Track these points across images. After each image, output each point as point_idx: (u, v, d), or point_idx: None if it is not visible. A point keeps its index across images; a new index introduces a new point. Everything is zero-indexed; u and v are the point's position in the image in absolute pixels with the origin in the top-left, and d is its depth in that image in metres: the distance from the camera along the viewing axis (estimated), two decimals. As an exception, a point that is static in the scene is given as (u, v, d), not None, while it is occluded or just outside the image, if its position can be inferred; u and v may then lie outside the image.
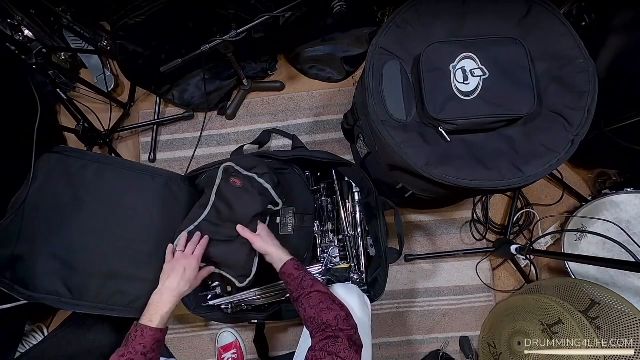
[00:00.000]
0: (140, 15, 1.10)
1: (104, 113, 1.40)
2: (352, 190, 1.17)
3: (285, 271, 0.86)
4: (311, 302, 0.76)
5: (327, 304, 0.75)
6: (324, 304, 0.75)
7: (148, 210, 1.03)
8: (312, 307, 0.75)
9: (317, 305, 0.75)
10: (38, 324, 1.30)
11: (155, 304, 0.78)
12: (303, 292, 0.79)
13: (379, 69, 0.88)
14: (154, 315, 0.76)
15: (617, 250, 0.99)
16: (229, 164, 1.02)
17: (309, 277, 0.83)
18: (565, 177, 1.33)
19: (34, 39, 1.28)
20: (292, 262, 0.87)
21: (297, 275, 0.84)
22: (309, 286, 0.80)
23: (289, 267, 0.86)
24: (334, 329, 0.69)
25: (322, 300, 0.76)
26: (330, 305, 0.75)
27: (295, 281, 0.83)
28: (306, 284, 0.81)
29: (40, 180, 0.97)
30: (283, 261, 0.87)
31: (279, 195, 1.02)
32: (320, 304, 0.75)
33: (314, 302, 0.76)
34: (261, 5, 1.15)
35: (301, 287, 0.81)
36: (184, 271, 0.84)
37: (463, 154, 0.85)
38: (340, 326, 0.70)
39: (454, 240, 1.34)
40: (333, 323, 0.70)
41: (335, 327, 0.70)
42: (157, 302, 0.78)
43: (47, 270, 0.92)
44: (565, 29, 0.86)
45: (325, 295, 0.78)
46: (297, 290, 0.81)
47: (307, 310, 0.76)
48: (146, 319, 0.75)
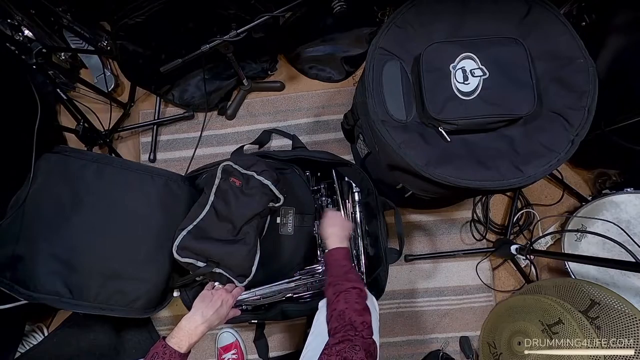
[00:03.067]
0: (140, 15, 1.10)
1: (104, 113, 1.40)
2: (352, 190, 1.17)
3: (334, 254, 0.88)
4: (348, 297, 0.75)
5: (361, 305, 0.74)
6: (358, 305, 0.74)
7: (148, 210, 1.03)
8: (346, 301, 0.75)
9: (352, 304, 0.74)
10: (38, 324, 1.30)
11: (186, 330, 0.75)
12: (344, 284, 0.78)
13: (379, 69, 0.88)
14: (183, 342, 0.73)
15: (617, 250, 0.99)
16: (227, 163, 1.02)
17: (355, 273, 0.83)
18: (565, 177, 1.33)
19: (34, 39, 1.28)
20: (345, 250, 0.88)
21: (344, 264, 0.85)
22: (353, 280, 0.79)
23: (341, 252, 0.88)
24: (356, 333, 0.68)
25: (359, 301, 0.75)
26: (363, 308, 0.74)
27: (340, 269, 0.83)
28: (351, 277, 0.80)
29: (40, 180, 0.97)
30: (337, 245, 0.89)
31: (280, 190, 1.02)
32: (356, 304, 0.74)
33: (351, 299, 0.75)
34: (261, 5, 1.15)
35: (345, 278, 0.80)
36: (221, 305, 0.83)
37: (463, 154, 0.85)
38: (364, 333, 0.69)
39: (454, 240, 1.34)
40: (359, 327, 0.70)
41: (360, 332, 0.69)
42: (189, 329, 0.75)
43: (47, 270, 0.92)
44: (565, 29, 0.86)
45: (363, 297, 0.77)
46: (338, 278, 0.80)
47: (341, 302, 0.75)
48: (175, 342, 0.72)
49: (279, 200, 1.02)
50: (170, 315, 1.33)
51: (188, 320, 0.77)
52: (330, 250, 0.90)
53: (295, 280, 1.09)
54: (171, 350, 0.71)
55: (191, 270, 0.98)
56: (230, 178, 1.01)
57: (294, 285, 1.09)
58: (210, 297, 0.83)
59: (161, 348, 0.71)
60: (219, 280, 0.99)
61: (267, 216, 1.07)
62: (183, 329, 0.75)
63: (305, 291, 1.11)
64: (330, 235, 0.93)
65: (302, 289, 1.11)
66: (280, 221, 1.11)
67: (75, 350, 1.26)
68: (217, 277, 0.98)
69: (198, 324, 0.76)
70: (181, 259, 0.96)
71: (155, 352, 0.71)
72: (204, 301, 0.82)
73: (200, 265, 0.96)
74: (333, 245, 0.91)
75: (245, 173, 1.01)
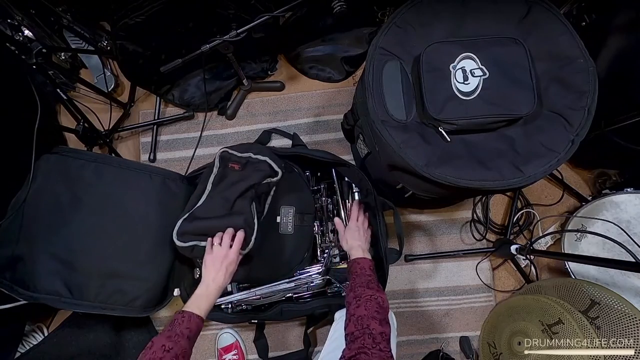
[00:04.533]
0: (140, 15, 1.10)
1: (104, 113, 1.40)
2: (352, 191, 1.17)
3: (360, 263, 0.89)
4: (369, 305, 0.75)
5: (381, 316, 0.74)
6: (379, 315, 0.74)
7: (146, 208, 1.04)
8: (367, 309, 0.74)
9: (373, 313, 0.74)
10: (38, 324, 1.30)
11: (201, 295, 0.81)
12: (367, 292, 0.79)
13: (379, 69, 0.88)
14: (202, 305, 0.79)
15: (617, 250, 0.99)
16: (224, 149, 1.03)
17: (378, 285, 0.84)
18: (565, 177, 1.33)
19: (34, 39, 1.28)
20: (370, 262, 0.90)
21: (369, 274, 0.86)
22: (376, 290, 0.80)
23: (366, 263, 0.89)
24: (374, 345, 0.67)
25: (379, 311, 0.75)
26: (383, 319, 0.74)
27: (365, 278, 0.84)
28: (373, 286, 0.81)
29: (39, 181, 0.97)
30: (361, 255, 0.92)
31: (278, 165, 1.02)
32: (377, 313, 0.74)
33: (372, 307, 0.75)
34: (261, 5, 1.15)
35: (368, 286, 0.81)
36: (228, 265, 0.87)
37: (463, 154, 0.84)
38: (381, 345, 0.68)
39: (454, 240, 1.34)
40: (378, 337, 0.68)
41: (377, 343, 0.68)
42: (204, 294, 0.82)
43: (47, 270, 0.93)
44: (565, 29, 0.86)
45: (385, 309, 0.77)
46: (361, 287, 0.81)
47: (361, 309, 0.75)
48: (194, 306, 0.78)
49: (277, 174, 1.02)
50: (170, 315, 1.33)
51: (202, 290, 0.83)
52: (356, 259, 0.91)
53: (295, 280, 1.09)
54: (189, 313, 0.76)
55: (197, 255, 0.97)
56: (229, 164, 1.02)
57: (294, 285, 1.09)
58: (213, 260, 0.87)
59: (178, 315, 0.76)
60: None
61: (267, 193, 1.07)
62: (198, 295, 0.81)
63: (305, 291, 1.11)
64: (353, 247, 0.96)
65: (302, 289, 1.11)
66: (280, 221, 1.11)
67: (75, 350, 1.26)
68: None
69: (210, 288, 0.83)
70: (183, 244, 0.95)
71: (173, 320, 0.75)
72: (210, 265, 0.86)
73: (204, 245, 0.95)
74: (358, 255, 0.93)
75: (243, 156, 1.02)
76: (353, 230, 1.01)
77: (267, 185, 1.04)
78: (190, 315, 0.75)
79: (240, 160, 1.02)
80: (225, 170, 1.02)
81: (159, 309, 1.07)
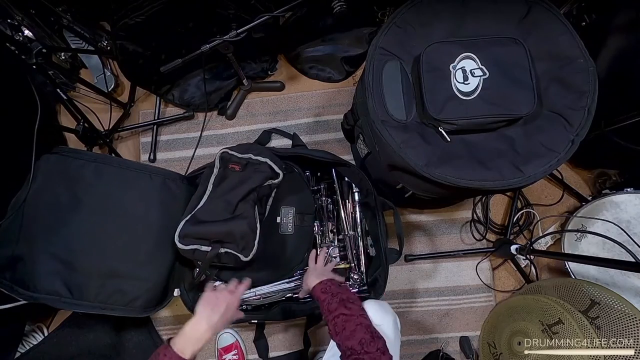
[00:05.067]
0: (140, 15, 1.10)
1: (104, 113, 1.40)
2: (352, 190, 1.17)
3: (314, 294, 0.87)
4: (337, 327, 0.75)
5: (350, 328, 0.72)
6: (347, 330, 0.73)
7: (146, 209, 1.03)
8: (337, 333, 0.74)
9: (341, 332, 0.73)
10: (38, 324, 1.30)
11: (190, 336, 0.72)
12: (329, 317, 0.78)
13: (379, 69, 0.88)
14: (187, 348, 0.70)
15: (617, 250, 0.99)
16: (224, 150, 1.03)
17: (336, 299, 0.81)
18: (565, 177, 1.33)
19: (34, 39, 1.28)
20: (321, 285, 0.87)
21: (323, 298, 0.83)
22: (334, 309, 0.78)
23: (316, 291, 0.87)
24: (359, 352, 0.68)
25: (345, 325, 0.74)
26: (354, 329, 0.72)
27: (323, 305, 0.82)
28: (332, 307, 0.79)
29: (39, 181, 0.97)
30: (311, 286, 0.89)
31: (279, 167, 1.02)
32: (344, 330, 0.73)
33: (339, 327, 0.74)
34: (261, 5, 1.15)
35: (328, 310, 0.79)
36: (226, 309, 0.80)
37: (463, 154, 0.84)
38: (366, 349, 0.68)
39: (454, 240, 1.34)
40: (358, 348, 0.69)
41: (360, 351, 0.68)
42: (193, 335, 0.72)
43: (47, 270, 0.92)
44: (565, 29, 0.86)
45: (349, 318, 0.75)
46: (325, 314, 0.80)
47: (334, 335, 0.75)
48: (179, 347, 0.69)
49: (278, 176, 1.03)
50: (170, 315, 1.33)
51: (192, 327, 0.74)
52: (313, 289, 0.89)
53: (295, 280, 1.09)
54: (174, 354, 0.68)
55: (198, 259, 0.98)
56: (229, 165, 1.02)
57: (294, 285, 1.09)
58: (214, 301, 0.80)
59: (163, 350, 0.69)
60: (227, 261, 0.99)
61: (269, 195, 1.07)
62: (187, 335, 0.72)
63: (305, 291, 1.11)
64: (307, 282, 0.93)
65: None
66: (280, 221, 1.11)
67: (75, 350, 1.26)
68: (224, 258, 0.97)
69: (203, 331, 0.73)
70: (185, 247, 0.95)
71: (157, 353, 0.69)
72: (208, 305, 0.79)
73: (205, 250, 0.95)
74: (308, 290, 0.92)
75: (243, 157, 1.01)
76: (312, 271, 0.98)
77: (269, 188, 1.04)
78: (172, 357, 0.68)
79: (241, 161, 1.02)
80: (226, 171, 1.02)
81: (159, 309, 1.07)
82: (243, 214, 0.97)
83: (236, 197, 0.97)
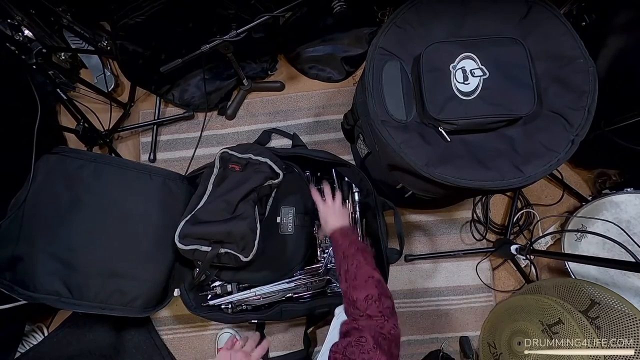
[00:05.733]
0: (140, 15, 1.10)
1: (104, 113, 1.40)
2: (352, 191, 1.16)
3: (333, 236, 0.83)
4: (348, 274, 0.70)
5: (362, 278, 0.68)
6: (358, 280, 0.68)
7: (146, 209, 1.03)
8: (347, 279, 0.69)
9: (352, 280, 0.68)
10: (38, 324, 1.30)
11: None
12: (343, 261, 0.73)
13: (379, 69, 0.88)
14: None
15: (617, 250, 0.99)
16: (224, 150, 1.03)
17: (355, 245, 0.76)
18: (565, 177, 1.33)
19: (34, 39, 1.28)
20: (342, 229, 0.83)
21: (341, 242, 0.79)
22: (351, 255, 0.73)
23: (336, 233, 0.83)
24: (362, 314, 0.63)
25: (357, 273, 0.69)
26: (365, 281, 0.67)
27: (340, 247, 0.78)
28: (349, 252, 0.74)
29: (39, 181, 0.97)
30: (332, 227, 0.84)
31: (279, 167, 1.02)
32: (355, 279, 0.68)
33: (351, 274, 0.70)
34: (261, 5, 1.15)
35: (344, 255, 0.75)
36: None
37: (463, 154, 0.84)
38: (369, 311, 0.63)
39: (454, 240, 1.34)
40: (362, 305, 0.64)
41: (364, 311, 0.63)
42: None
43: (47, 270, 0.92)
44: (565, 29, 0.86)
45: (363, 267, 0.70)
46: (339, 259, 0.75)
47: (342, 282, 0.70)
48: None
49: (278, 176, 1.03)
50: (170, 315, 1.33)
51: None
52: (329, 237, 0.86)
53: (295, 280, 1.09)
54: None
55: (198, 259, 0.98)
56: (229, 165, 1.02)
57: (294, 285, 1.09)
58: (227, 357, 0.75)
59: None
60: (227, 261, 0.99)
61: (269, 195, 1.07)
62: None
63: (305, 291, 1.11)
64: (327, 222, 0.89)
65: (302, 289, 1.11)
66: (280, 221, 1.11)
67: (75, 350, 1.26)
68: (224, 258, 0.97)
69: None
70: (185, 247, 0.95)
71: None
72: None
73: (205, 250, 0.95)
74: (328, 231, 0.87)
75: (243, 157, 1.02)
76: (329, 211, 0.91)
77: (269, 188, 1.04)
78: None
79: (241, 161, 1.02)
80: (226, 171, 1.02)
81: (159, 309, 1.07)
82: (243, 214, 0.97)
83: (236, 197, 0.97)
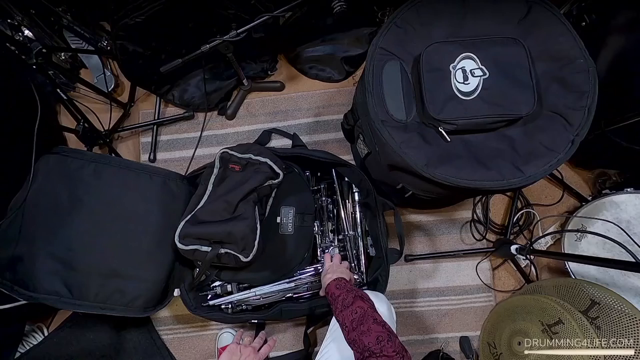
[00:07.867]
0: (140, 15, 1.10)
1: (104, 113, 1.40)
2: (352, 191, 1.17)
3: (328, 291, 0.86)
4: (354, 323, 0.72)
5: (367, 324, 0.70)
6: (364, 325, 0.70)
7: (146, 209, 1.04)
8: (354, 328, 0.71)
9: (358, 327, 0.70)
10: (38, 324, 1.30)
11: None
12: (345, 312, 0.76)
13: (379, 69, 0.88)
14: None
15: (617, 250, 0.99)
16: (224, 150, 1.03)
17: (351, 294, 0.79)
18: (565, 177, 1.33)
19: (34, 39, 1.28)
20: (335, 282, 0.86)
21: (338, 294, 0.81)
22: (350, 304, 0.76)
23: (331, 287, 0.85)
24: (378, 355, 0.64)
25: (363, 320, 0.71)
26: (371, 325, 0.70)
27: (337, 300, 0.80)
28: (348, 302, 0.77)
29: (39, 181, 0.97)
30: (326, 283, 0.87)
31: (279, 167, 1.02)
32: (361, 325, 0.70)
33: (356, 323, 0.71)
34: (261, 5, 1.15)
35: (343, 305, 0.77)
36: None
37: (463, 154, 0.84)
38: (385, 352, 0.65)
39: (454, 240, 1.34)
40: (376, 348, 0.65)
41: (379, 352, 0.65)
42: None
43: (47, 270, 0.93)
44: (565, 29, 0.86)
45: (366, 312, 0.73)
46: (339, 311, 0.78)
47: (350, 332, 0.72)
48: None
49: (278, 176, 1.03)
50: (170, 315, 1.33)
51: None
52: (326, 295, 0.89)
53: (295, 280, 1.09)
54: None
55: (198, 259, 0.98)
56: (229, 165, 1.02)
57: (294, 285, 1.09)
58: (237, 356, 0.80)
59: None
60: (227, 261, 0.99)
61: (269, 195, 1.07)
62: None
63: (305, 291, 1.11)
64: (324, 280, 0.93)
65: (302, 288, 1.11)
66: (280, 221, 1.11)
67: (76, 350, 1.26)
68: (224, 258, 0.98)
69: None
70: (185, 247, 0.95)
71: None
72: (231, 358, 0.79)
73: (205, 250, 0.95)
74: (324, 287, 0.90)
75: (243, 157, 1.02)
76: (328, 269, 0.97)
77: (269, 188, 1.04)
78: None
79: (241, 162, 1.02)
80: (226, 171, 1.02)
81: (159, 309, 1.07)
82: (243, 214, 0.97)
83: (236, 198, 0.97)
